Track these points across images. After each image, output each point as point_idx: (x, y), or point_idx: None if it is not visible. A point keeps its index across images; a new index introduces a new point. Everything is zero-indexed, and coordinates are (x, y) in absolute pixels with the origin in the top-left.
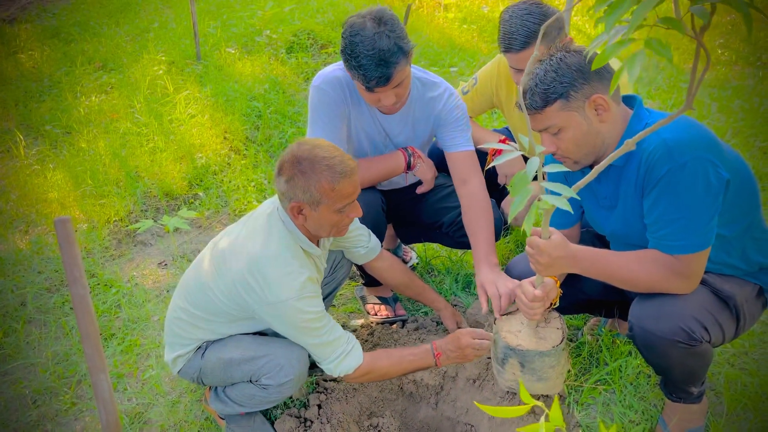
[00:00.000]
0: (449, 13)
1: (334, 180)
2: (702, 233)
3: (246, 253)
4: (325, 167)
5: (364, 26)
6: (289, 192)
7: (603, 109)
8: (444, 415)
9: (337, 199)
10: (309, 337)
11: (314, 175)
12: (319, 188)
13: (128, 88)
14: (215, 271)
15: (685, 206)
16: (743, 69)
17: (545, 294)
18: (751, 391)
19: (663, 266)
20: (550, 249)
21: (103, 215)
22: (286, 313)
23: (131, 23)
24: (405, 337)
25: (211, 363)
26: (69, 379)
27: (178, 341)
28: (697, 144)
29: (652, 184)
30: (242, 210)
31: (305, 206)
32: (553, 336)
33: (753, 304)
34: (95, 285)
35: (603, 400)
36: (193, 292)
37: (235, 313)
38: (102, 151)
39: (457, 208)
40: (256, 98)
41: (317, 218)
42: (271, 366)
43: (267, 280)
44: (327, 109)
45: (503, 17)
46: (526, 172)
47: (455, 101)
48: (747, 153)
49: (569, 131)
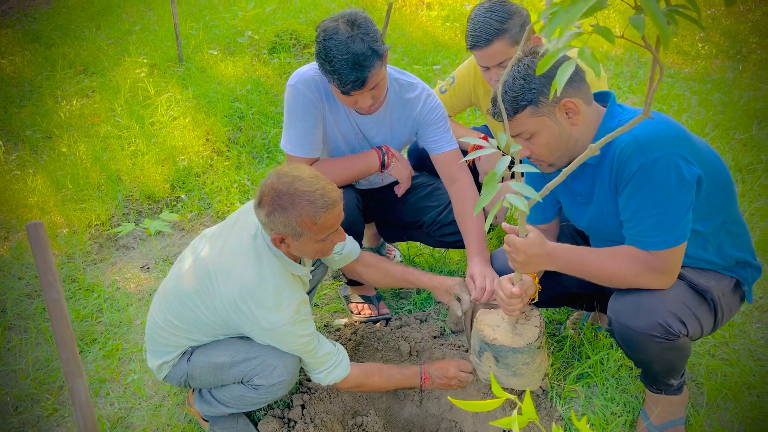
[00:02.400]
0: (432, 12)
1: (315, 215)
2: (676, 228)
3: (236, 278)
4: (306, 202)
5: (337, 30)
6: (270, 224)
7: (573, 113)
8: (428, 412)
9: (319, 232)
10: (303, 354)
11: (294, 211)
12: (300, 223)
13: (110, 91)
14: (200, 288)
15: (658, 202)
16: (723, 62)
17: (523, 291)
18: (732, 381)
19: (639, 262)
20: (525, 247)
21: (84, 219)
22: (280, 337)
23: (113, 26)
24: (388, 335)
25: (199, 367)
26: (50, 385)
27: (161, 349)
28: (668, 140)
29: (625, 181)
30: (225, 211)
31: (287, 237)
32: (529, 333)
33: (730, 297)
34: (76, 290)
35: (585, 394)
36: (175, 304)
37: (220, 329)
38: (83, 155)
39: (437, 207)
40: (239, 99)
41: (300, 247)
42: (264, 366)
43: (260, 308)
44: (302, 110)
45: (470, 15)
46: (496, 171)
47: (433, 102)
48: (726, 145)
49: (541, 136)
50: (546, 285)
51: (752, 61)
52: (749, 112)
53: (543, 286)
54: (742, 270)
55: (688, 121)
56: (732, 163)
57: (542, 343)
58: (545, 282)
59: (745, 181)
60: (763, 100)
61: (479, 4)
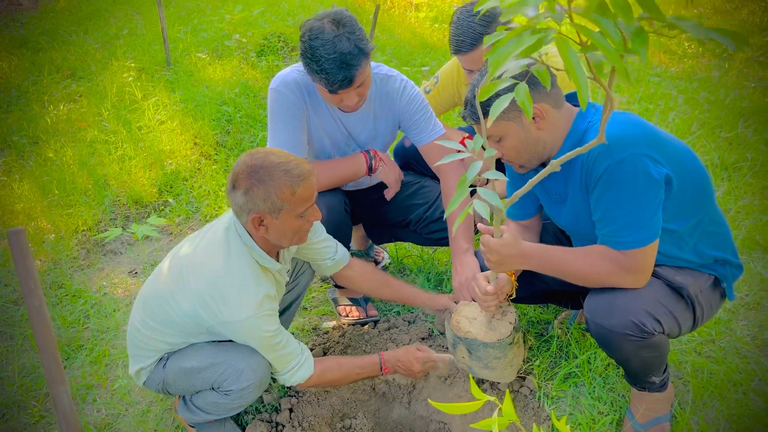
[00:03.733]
0: (420, 13)
1: (293, 184)
2: (646, 227)
3: (204, 272)
4: (282, 173)
5: (323, 29)
6: (248, 203)
7: (539, 118)
8: (417, 414)
9: (298, 204)
10: (266, 351)
11: (273, 182)
12: (279, 194)
13: (97, 96)
14: (174, 286)
15: (626, 202)
16: (709, 61)
17: (497, 289)
18: (718, 378)
19: (611, 262)
20: (499, 247)
21: (71, 225)
22: (244, 330)
23: (101, 30)
24: (376, 337)
25: (173, 373)
26: (36, 392)
27: (140, 353)
28: (635, 140)
29: (594, 181)
30: (213, 215)
31: (266, 216)
32: (503, 329)
33: (709, 294)
34: (63, 296)
35: (573, 393)
36: (152, 305)
37: (192, 329)
38: (70, 160)
39: (423, 205)
40: (227, 103)
41: (279, 226)
42: (231, 371)
43: (224, 300)
44: (286, 112)
45: (453, 19)
46: (466, 175)
47: (411, 92)
48: (712, 144)
49: (508, 140)
50: (527, 281)
51: (738, 60)
52: (735, 111)
53: (524, 282)
54: (721, 267)
55: (675, 120)
56: (718, 162)
57: (516, 339)
58: (527, 278)
59: (731, 179)
60: (749, 98)
61: (461, 8)
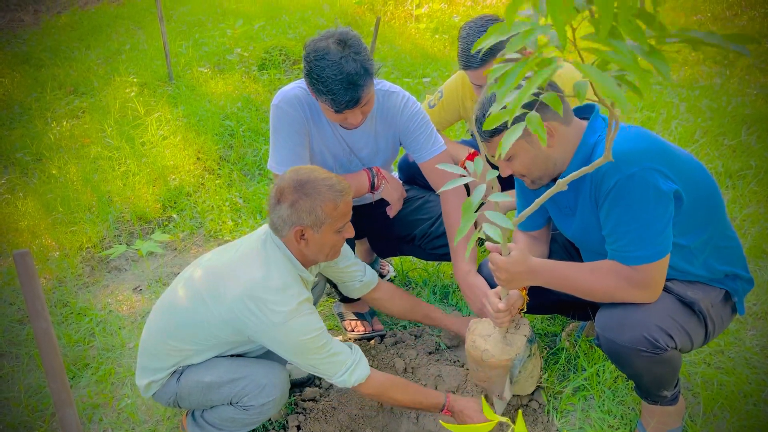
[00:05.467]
0: (421, 24)
1: (336, 198)
2: (657, 243)
3: (244, 278)
4: (327, 187)
5: (328, 50)
6: (292, 216)
7: (549, 136)
8: (425, 429)
9: (338, 218)
10: (314, 354)
11: (318, 196)
12: (324, 208)
13: (99, 111)
14: (209, 294)
15: (636, 217)
16: (710, 68)
17: (509, 306)
18: (728, 390)
19: (621, 277)
20: (508, 265)
21: (75, 242)
22: (289, 333)
23: (102, 46)
24: (383, 352)
25: (188, 387)
26: (43, 413)
27: (152, 365)
28: (644, 155)
29: (603, 196)
30: (217, 230)
31: (308, 230)
32: (518, 343)
33: (720, 308)
34: (68, 314)
35: (582, 407)
36: (180, 312)
37: (222, 338)
38: (73, 177)
39: (428, 220)
40: (229, 117)
41: (319, 240)
42: (253, 386)
43: (267, 303)
44: (287, 128)
45: (460, 34)
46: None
47: (412, 109)
48: (716, 152)
49: (519, 158)
50: (536, 292)
51: (739, 67)
52: (738, 118)
53: (534, 292)
54: (732, 282)
55: (678, 128)
56: (722, 170)
57: (533, 350)
58: (536, 289)
59: (736, 187)
60: (751, 105)
61: (469, 23)
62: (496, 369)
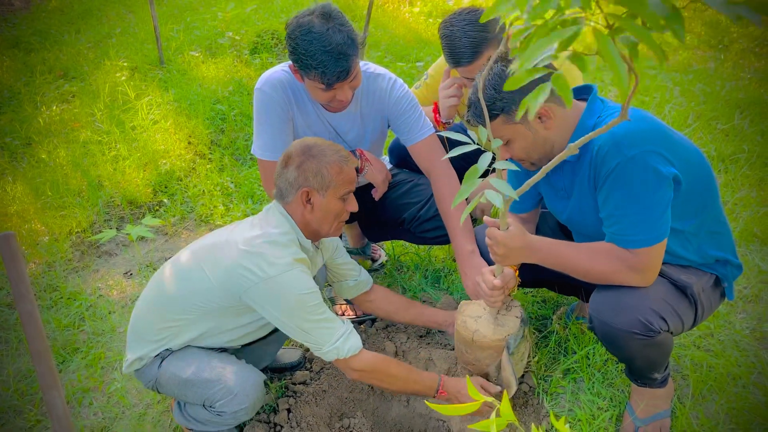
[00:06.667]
0: (414, 7)
1: (342, 162)
2: (656, 226)
3: (242, 239)
4: (332, 151)
5: (312, 24)
6: (299, 178)
7: (547, 118)
8: (416, 412)
9: (343, 184)
10: (307, 314)
11: (324, 158)
12: (330, 169)
13: (90, 96)
14: (205, 259)
15: (636, 200)
16: (704, 53)
17: (504, 284)
18: (717, 372)
19: (619, 260)
20: (506, 240)
21: (65, 227)
22: (285, 285)
23: (93, 30)
24: (374, 336)
25: (166, 376)
26: (32, 396)
27: (140, 340)
28: (645, 137)
29: (603, 178)
30: (208, 215)
31: (314, 192)
32: (510, 324)
33: (711, 293)
34: (58, 299)
35: (572, 389)
36: (175, 279)
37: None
38: (63, 161)
39: (417, 203)
40: (221, 101)
41: (324, 206)
42: (224, 393)
43: (265, 257)
44: (270, 112)
45: (444, 33)
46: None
47: (400, 91)
48: (709, 136)
49: (517, 142)
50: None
51: (733, 51)
52: (731, 102)
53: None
54: (722, 268)
55: (671, 112)
56: (715, 154)
57: (525, 333)
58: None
59: (728, 171)
60: (745, 89)
61: (452, 19)
62: (487, 350)
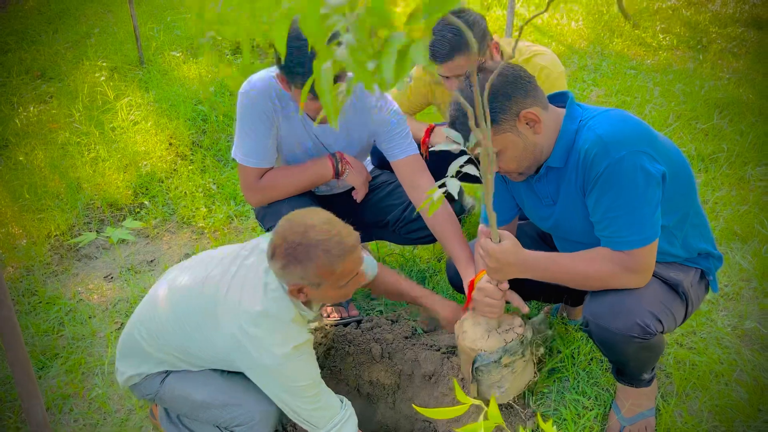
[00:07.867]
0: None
1: (333, 264)
2: (648, 226)
3: (241, 312)
4: (322, 252)
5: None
6: (286, 276)
7: (534, 122)
8: (402, 414)
9: (339, 278)
10: (302, 402)
11: (310, 263)
12: (318, 273)
13: (68, 96)
14: (203, 323)
15: (627, 201)
16: (684, 53)
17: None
18: (700, 370)
19: (614, 263)
20: (499, 254)
21: (43, 230)
22: (280, 377)
23: (71, 30)
24: (359, 337)
25: (172, 394)
26: (12, 404)
27: (136, 362)
28: (632, 138)
29: (592, 182)
30: (190, 217)
31: (305, 287)
32: (494, 340)
33: (698, 288)
34: (36, 303)
35: (557, 389)
36: (169, 332)
37: (212, 364)
38: (41, 163)
39: (401, 205)
40: (202, 102)
41: (320, 295)
42: (245, 418)
43: (263, 343)
44: (254, 118)
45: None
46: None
47: (390, 107)
48: (689, 135)
49: (508, 152)
50: None
51: (712, 51)
52: (710, 102)
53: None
54: (705, 261)
55: (651, 112)
56: (695, 153)
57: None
58: None
59: (708, 170)
60: (724, 89)
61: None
62: (462, 353)
